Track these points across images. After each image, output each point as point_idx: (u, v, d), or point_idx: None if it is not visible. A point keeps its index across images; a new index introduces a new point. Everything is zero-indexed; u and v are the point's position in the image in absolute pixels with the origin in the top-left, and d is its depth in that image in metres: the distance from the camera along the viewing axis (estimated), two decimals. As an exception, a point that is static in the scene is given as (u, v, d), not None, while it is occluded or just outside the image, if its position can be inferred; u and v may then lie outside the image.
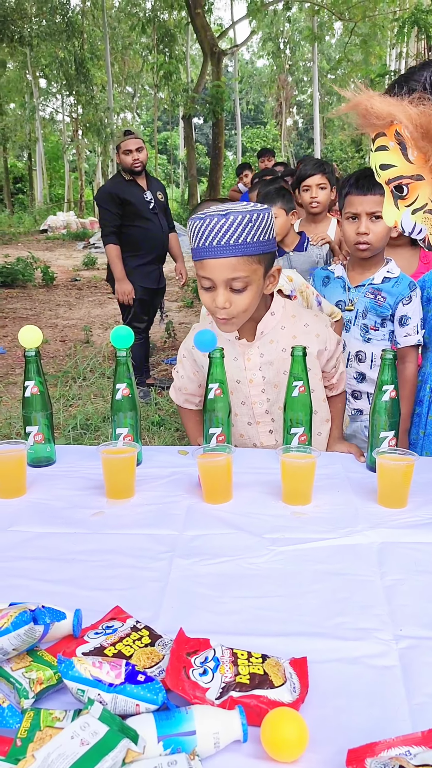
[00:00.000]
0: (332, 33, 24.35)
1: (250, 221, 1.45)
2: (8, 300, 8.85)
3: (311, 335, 1.69)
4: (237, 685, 0.81)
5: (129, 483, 1.41)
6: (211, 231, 1.44)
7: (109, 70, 22.20)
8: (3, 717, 0.76)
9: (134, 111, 33.71)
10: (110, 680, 0.77)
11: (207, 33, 17.91)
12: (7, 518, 1.32)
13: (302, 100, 36.51)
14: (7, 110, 25.97)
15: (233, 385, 1.68)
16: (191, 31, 22.28)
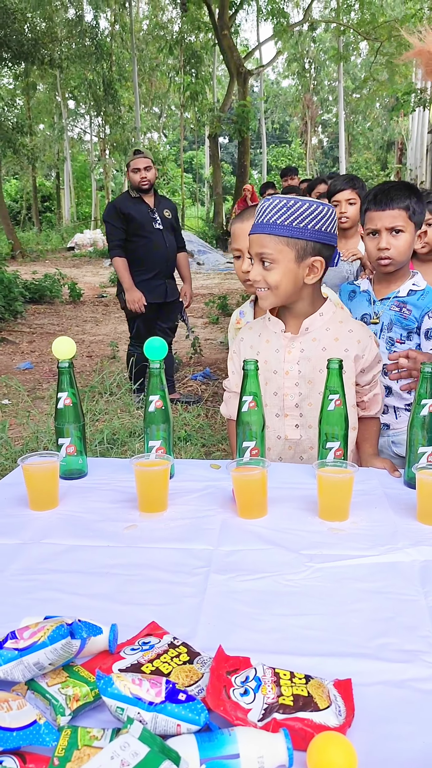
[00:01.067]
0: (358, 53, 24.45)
1: (285, 206, 1.58)
2: (36, 316, 8.94)
3: (353, 340, 1.71)
4: (280, 706, 0.78)
5: (162, 496, 1.39)
6: (259, 210, 1.63)
7: (136, 91, 22.50)
8: (39, 734, 0.73)
9: (161, 131, 34.13)
10: (150, 698, 0.74)
11: (233, 54, 18.13)
12: (39, 530, 1.31)
13: (327, 119, 36.69)
14: (36, 131, 26.44)
15: (269, 376, 1.72)
16: (217, 52, 22.55)
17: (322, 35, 26.47)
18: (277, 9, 19.39)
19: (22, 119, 21.16)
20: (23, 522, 1.35)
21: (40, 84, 26.08)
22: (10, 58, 18.18)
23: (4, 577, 1.13)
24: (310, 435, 1.73)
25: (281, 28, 19.05)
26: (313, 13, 22.19)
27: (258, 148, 30.21)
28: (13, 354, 6.90)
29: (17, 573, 1.14)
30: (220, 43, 17.96)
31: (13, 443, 4.02)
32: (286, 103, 35.91)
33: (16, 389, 5.28)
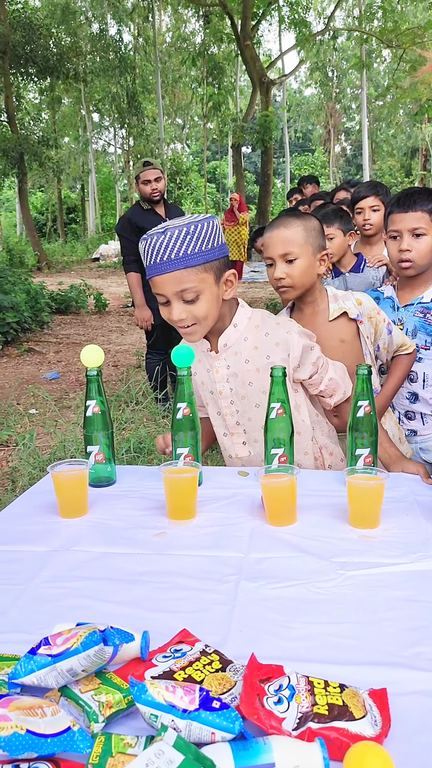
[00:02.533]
0: (381, 60, 24.41)
1: (188, 234, 1.48)
2: (62, 326, 9.03)
3: (271, 344, 1.67)
4: (315, 715, 0.77)
5: (191, 504, 1.38)
6: (153, 249, 1.50)
7: (160, 102, 22.74)
8: (73, 741, 0.73)
9: (184, 141, 34.37)
10: (184, 706, 0.73)
11: (256, 64, 18.21)
12: (69, 538, 1.31)
13: (350, 126, 36.64)
14: (62, 144, 26.80)
15: (208, 396, 1.74)
16: (240, 63, 22.68)
17: (344, 43, 26.49)
18: (299, 18, 19.47)
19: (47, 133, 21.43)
20: (53, 529, 1.35)
21: (65, 98, 26.49)
22: (35, 72, 18.50)
23: (35, 584, 1.13)
24: (258, 450, 1.73)
25: (303, 38, 19.12)
26: (335, 22, 22.22)
27: (281, 157, 30.26)
28: (40, 364, 6.97)
29: (48, 580, 1.15)
30: (243, 53, 18.07)
31: (41, 452, 4.06)
32: (309, 112, 35.94)
33: (44, 399, 5.33)
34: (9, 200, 33.67)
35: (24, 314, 7.87)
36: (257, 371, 1.67)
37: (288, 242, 1.81)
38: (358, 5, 21.82)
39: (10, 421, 4.75)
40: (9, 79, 17.44)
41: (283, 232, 1.82)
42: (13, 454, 4.11)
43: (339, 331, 1.90)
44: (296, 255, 1.81)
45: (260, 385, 1.68)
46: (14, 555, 1.24)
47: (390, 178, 30.88)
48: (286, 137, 27.87)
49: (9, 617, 1.02)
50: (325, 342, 1.84)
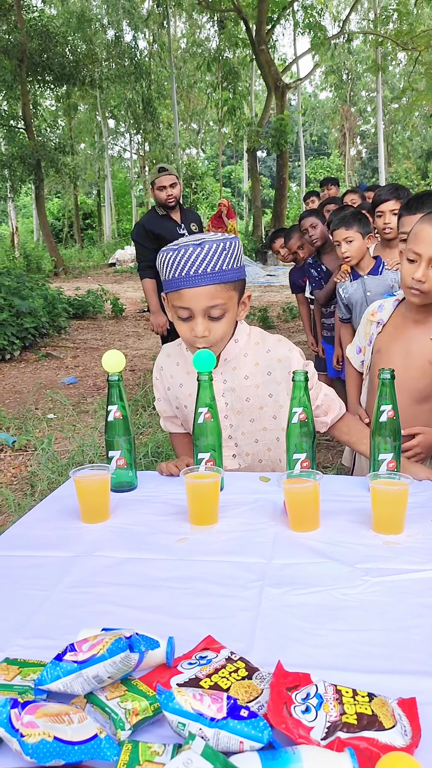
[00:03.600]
0: (396, 62, 24.34)
1: (224, 249, 1.48)
2: (80, 331, 9.07)
3: (273, 360, 1.67)
4: (344, 725, 0.76)
5: (213, 509, 1.38)
6: (187, 261, 1.47)
7: (175, 108, 22.84)
8: (100, 748, 0.72)
9: (199, 146, 34.47)
10: (212, 714, 0.73)
11: (271, 68, 18.25)
12: (92, 543, 1.31)
13: (366, 129, 36.54)
14: (78, 150, 26.99)
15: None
16: (255, 67, 22.72)
17: (359, 46, 26.45)
18: (314, 22, 19.47)
19: (64, 139, 21.61)
20: (75, 535, 1.35)
21: (81, 104, 26.72)
22: (52, 80, 18.66)
23: (59, 590, 1.13)
24: (249, 463, 1.73)
25: (318, 41, 19.11)
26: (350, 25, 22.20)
27: (296, 160, 30.23)
28: (57, 369, 7.00)
29: (71, 586, 1.15)
30: (258, 58, 18.12)
31: (59, 457, 4.07)
32: (324, 116, 35.91)
33: (62, 403, 5.35)
34: (26, 206, 33.96)
35: (42, 319, 7.92)
36: (256, 387, 1.68)
37: None
38: (373, 8, 21.79)
39: (29, 426, 4.78)
40: (26, 87, 17.61)
41: None
42: (32, 459, 4.13)
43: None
44: None
45: (258, 401, 1.68)
46: (37, 560, 1.24)
47: (406, 180, 30.73)
48: (301, 141, 27.85)
49: (34, 623, 1.02)
50: (414, 358, 1.78)
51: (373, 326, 1.95)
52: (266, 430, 1.72)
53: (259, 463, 1.76)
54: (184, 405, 1.77)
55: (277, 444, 1.72)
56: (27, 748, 0.71)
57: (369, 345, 1.97)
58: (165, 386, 1.81)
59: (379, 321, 1.94)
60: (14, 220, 25.08)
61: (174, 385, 1.77)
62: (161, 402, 1.85)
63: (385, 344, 1.89)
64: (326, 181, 7.87)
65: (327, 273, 4.05)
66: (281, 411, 1.69)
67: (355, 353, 2.12)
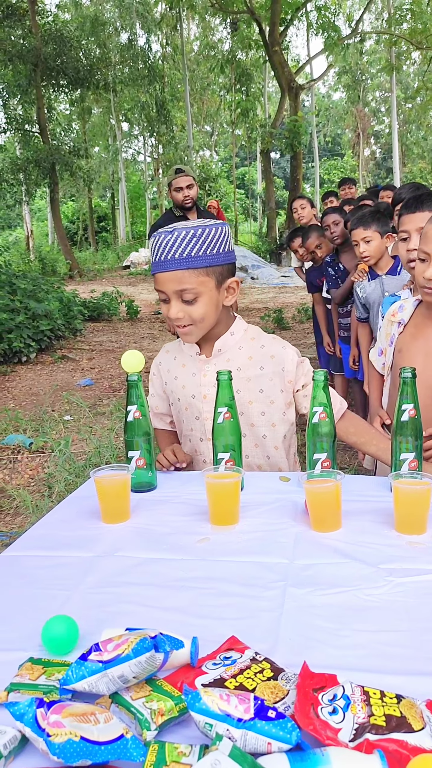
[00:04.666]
0: (411, 62, 24.22)
1: (194, 236, 1.52)
2: (95, 333, 9.10)
3: (267, 356, 1.69)
4: (372, 726, 0.75)
5: (234, 509, 1.37)
6: (159, 247, 1.54)
7: (188, 110, 22.88)
8: (127, 749, 0.72)
9: (212, 148, 34.51)
10: (239, 715, 0.72)
11: (284, 69, 18.21)
12: (112, 543, 1.31)
13: (379, 129, 36.39)
14: (92, 153, 27.12)
15: (189, 401, 1.72)
16: (268, 68, 22.70)
17: (372, 46, 26.35)
18: (327, 23, 19.43)
19: (78, 143, 21.72)
20: (96, 535, 1.35)
21: (95, 108, 26.83)
22: (66, 84, 18.76)
23: (81, 590, 1.13)
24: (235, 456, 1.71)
25: (332, 42, 19.06)
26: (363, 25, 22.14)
27: (310, 161, 30.17)
28: (73, 371, 7.03)
29: (93, 586, 1.14)
30: (271, 59, 18.09)
31: (76, 458, 4.08)
32: (338, 116, 35.81)
33: (78, 405, 5.37)
34: (41, 210, 34.15)
35: (57, 322, 7.96)
36: (248, 380, 1.69)
37: None
38: (387, 8, 21.70)
39: (46, 428, 4.80)
40: (41, 91, 17.72)
41: None
42: (49, 461, 4.15)
43: None
44: None
45: (248, 395, 1.69)
46: (59, 560, 1.24)
47: (421, 180, 30.53)
48: (315, 142, 27.77)
49: (57, 623, 1.02)
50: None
51: (394, 326, 1.94)
52: (254, 426, 1.71)
53: (246, 458, 1.74)
54: (177, 398, 1.78)
55: (264, 441, 1.72)
56: (54, 747, 0.70)
57: (390, 346, 1.95)
58: (162, 381, 1.83)
59: (400, 321, 1.92)
60: (29, 224, 25.23)
61: (170, 379, 1.79)
62: (155, 398, 1.87)
63: (406, 344, 1.88)
64: (344, 181, 7.87)
65: (344, 272, 4.03)
66: (271, 408, 1.71)
67: (376, 356, 2.10)
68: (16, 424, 4.95)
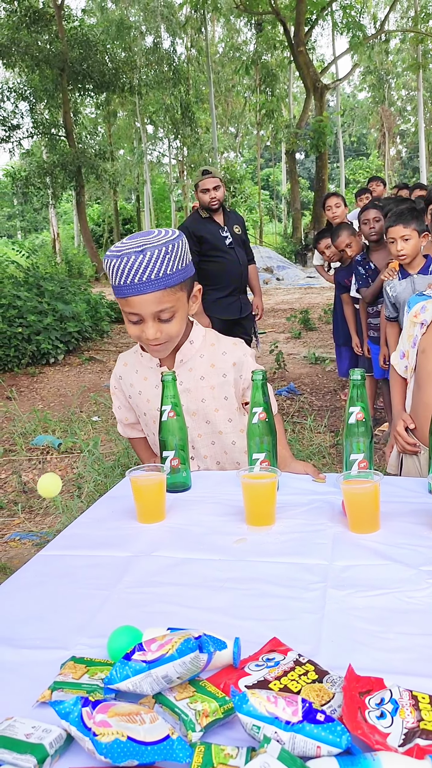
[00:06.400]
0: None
1: (167, 253, 1.46)
2: (121, 335, 9.15)
3: (228, 363, 1.67)
4: (422, 732, 0.73)
5: (271, 509, 1.36)
6: (130, 269, 1.45)
7: (213, 112, 22.88)
8: (173, 750, 0.71)
9: (237, 150, 34.50)
10: (287, 717, 0.71)
11: (310, 70, 18.15)
12: (149, 543, 1.30)
13: (405, 129, 36.07)
14: (117, 156, 27.29)
15: (155, 414, 1.65)
16: (293, 69, 22.63)
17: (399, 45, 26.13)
18: (353, 22, 19.32)
19: (103, 146, 21.88)
20: (132, 534, 1.35)
21: (120, 111, 26.97)
22: (92, 87, 18.92)
23: (119, 589, 1.13)
24: (207, 465, 1.73)
25: (358, 41, 18.95)
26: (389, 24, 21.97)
27: (335, 162, 30.01)
28: (101, 372, 7.07)
29: (131, 585, 1.14)
30: (296, 60, 18.03)
31: (105, 459, 4.10)
32: (363, 116, 35.58)
33: (106, 406, 5.39)
34: (67, 213, 34.46)
35: (84, 323, 8.01)
36: (212, 388, 1.67)
37: None
38: (413, 6, 21.51)
39: (74, 429, 4.83)
40: (67, 96, 17.90)
41: None
42: (78, 461, 4.17)
43: None
44: None
45: (213, 402, 1.68)
46: (97, 560, 1.24)
47: (448, 179, 30.20)
48: (340, 142, 27.61)
49: (97, 622, 1.02)
50: None
51: (417, 327, 1.92)
52: (222, 433, 1.71)
53: (217, 464, 1.75)
54: (143, 413, 1.75)
55: (233, 447, 1.72)
56: (101, 747, 0.70)
57: (413, 347, 1.94)
58: (126, 395, 1.79)
59: (422, 322, 1.91)
60: (55, 227, 25.48)
61: (134, 393, 1.75)
62: (122, 410, 1.84)
63: (430, 344, 1.87)
64: (373, 179, 7.83)
65: (375, 271, 3.99)
66: (236, 414, 1.71)
67: (398, 359, 2.08)
68: (45, 425, 4.99)
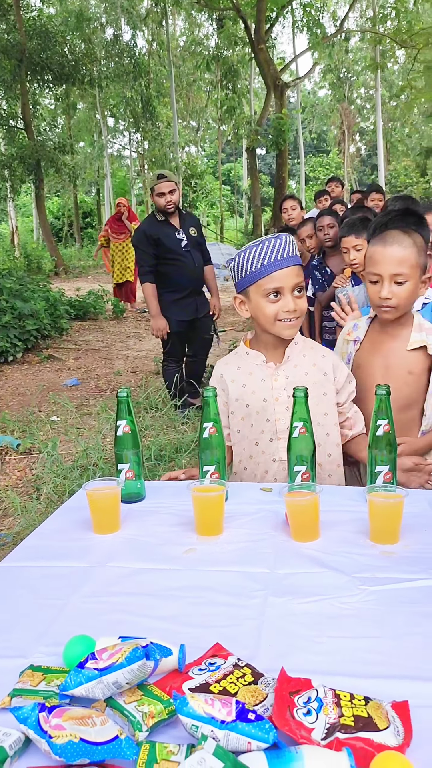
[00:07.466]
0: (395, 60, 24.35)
1: (293, 241, 1.76)
2: (81, 332, 9.14)
3: (328, 364, 1.85)
4: (342, 726, 0.83)
5: (219, 520, 1.45)
6: (273, 249, 1.72)
7: (174, 107, 22.83)
8: (121, 748, 0.80)
9: (198, 144, 34.48)
10: (222, 717, 0.80)
11: (270, 67, 18.25)
12: (104, 554, 1.39)
13: (365, 127, 36.53)
14: (77, 149, 27.00)
15: (260, 405, 1.83)
16: (254, 66, 22.72)
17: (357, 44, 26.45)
18: (313, 20, 19.48)
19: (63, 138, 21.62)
20: (88, 545, 1.43)
21: (80, 103, 26.70)
22: (51, 79, 18.66)
23: (76, 599, 1.21)
24: None
25: (317, 40, 19.12)
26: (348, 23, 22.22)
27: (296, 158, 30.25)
28: (60, 371, 7.07)
29: (87, 595, 1.22)
30: (257, 57, 18.11)
31: (64, 460, 4.15)
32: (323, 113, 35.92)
33: (65, 406, 5.42)
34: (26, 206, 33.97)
35: (43, 321, 7.98)
36: (315, 383, 1.80)
37: (401, 263, 1.82)
38: (371, 6, 21.80)
39: (33, 429, 4.85)
40: (25, 87, 17.63)
41: (396, 251, 1.82)
42: (37, 462, 4.20)
43: (411, 363, 1.91)
44: (407, 277, 1.83)
45: (315, 397, 1.78)
46: (54, 571, 1.32)
47: (405, 178, 30.78)
48: (300, 139, 27.86)
49: (54, 632, 1.10)
50: (394, 370, 1.92)
51: (351, 345, 2.06)
52: (319, 425, 1.81)
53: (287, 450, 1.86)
54: (246, 404, 1.87)
55: (327, 439, 1.84)
56: (56, 748, 0.78)
57: (348, 362, 2.05)
58: (224, 393, 1.90)
59: (356, 339, 2.05)
60: (14, 220, 25.11)
61: (237, 387, 1.88)
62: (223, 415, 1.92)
63: (364, 359, 2.01)
64: (331, 180, 8.00)
65: (331, 275, 4.12)
66: (332, 409, 1.85)
67: None
68: (3, 425, 4.99)
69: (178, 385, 5.08)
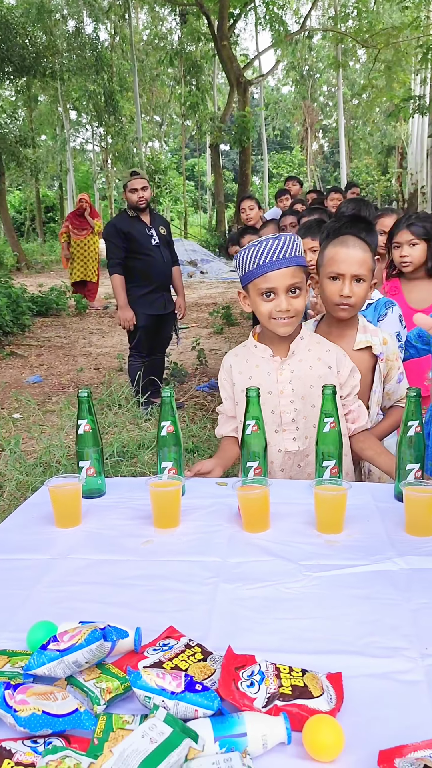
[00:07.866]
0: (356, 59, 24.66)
1: (294, 240, 1.81)
2: (43, 329, 9.12)
3: (332, 358, 1.93)
4: (280, 695, 0.93)
5: (175, 514, 1.54)
6: (269, 250, 1.78)
7: (137, 101, 22.75)
8: (81, 720, 0.88)
9: (162, 139, 34.39)
10: (172, 689, 0.89)
11: (233, 64, 18.35)
12: (66, 547, 1.46)
13: (327, 124, 36.90)
14: (39, 142, 26.71)
15: (265, 397, 1.88)
16: (217, 62, 22.77)
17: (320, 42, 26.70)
18: (275, 17, 19.62)
19: (24, 131, 21.37)
20: (50, 539, 1.50)
21: (41, 96, 26.39)
22: (12, 71, 18.43)
23: (38, 589, 1.28)
24: (307, 445, 1.92)
25: (280, 37, 19.27)
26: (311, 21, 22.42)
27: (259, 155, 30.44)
28: (22, 368, 7.07)
29: (49, 585, 1.30)
30: (220, 53, 18.20)
31: (27, 457, 4.18)
32: (287, 110, 36.17)
33: (27, 403, 5.44)
34: (-14, 198, 33.42)
35: (5, 318, 7.96)
36: (319, 377, 1.89)
37: (362, 264, 1.96)
38: (333, 5, 22.04)
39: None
40: (-15, 79, 17.38)
41: (359, 253, 1.96)
42: (0, 460, 4.23)
43: (357, 362, 2.01)
44: (365, 277, 1.97)
45: (318, 390, 1.84)
46: (18, 563, 1.39)
47: (367, 176, 31.19)
48: (263, 136, 28.03)
49: (18, 619, 1.17)
50: None
51: None
52: None
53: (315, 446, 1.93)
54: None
55: None
56: (20, 720, 0.86)
57: None
58: (232, 383, 1.99)
59: None
60: (-26, 213, 24.71)
61: (243, 379, 1.95)
62: (228, 401, 2.03)
63: None
64: (289, 179, 8.15)
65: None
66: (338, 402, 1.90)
67: None
68: (-34, 423, 5.00)
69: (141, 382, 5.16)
